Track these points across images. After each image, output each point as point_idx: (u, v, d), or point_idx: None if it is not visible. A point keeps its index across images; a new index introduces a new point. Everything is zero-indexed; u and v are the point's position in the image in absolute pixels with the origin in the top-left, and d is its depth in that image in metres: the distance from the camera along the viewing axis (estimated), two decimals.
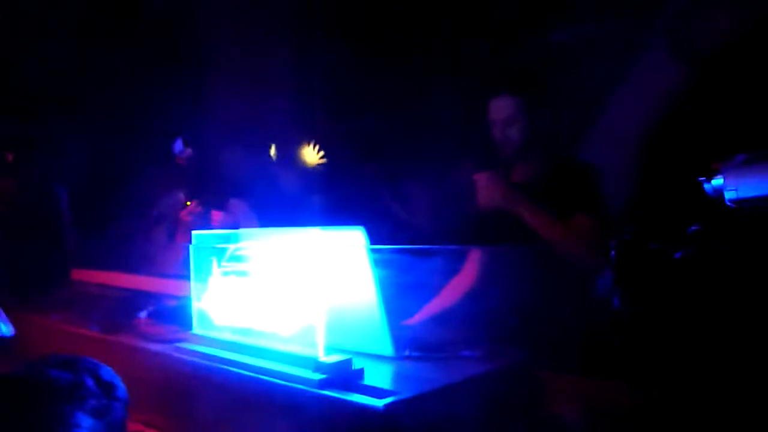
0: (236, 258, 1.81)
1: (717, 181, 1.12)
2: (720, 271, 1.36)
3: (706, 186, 1.14)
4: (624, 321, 1.72)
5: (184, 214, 3.17)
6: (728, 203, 1.12)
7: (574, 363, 1.77)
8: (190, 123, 3.90)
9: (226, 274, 1.83)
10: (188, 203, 3.21)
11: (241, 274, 1.79)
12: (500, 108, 2.26)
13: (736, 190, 1.09)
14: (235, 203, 3.20)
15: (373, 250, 1.66)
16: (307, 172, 4.26)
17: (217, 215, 3.13)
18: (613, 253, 1.58)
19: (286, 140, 4.38)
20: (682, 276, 1.39)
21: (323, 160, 4.29)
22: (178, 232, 3.17)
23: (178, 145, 3.46)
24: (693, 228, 1.32)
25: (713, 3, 2.94)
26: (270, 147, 4.41)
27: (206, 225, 3.03)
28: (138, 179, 3.70)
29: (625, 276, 1.56)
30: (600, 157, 2.44)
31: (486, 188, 2.19)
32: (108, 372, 1.31)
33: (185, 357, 1.88)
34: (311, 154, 4.35)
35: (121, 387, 1.32)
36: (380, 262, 1.67)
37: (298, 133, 4.39)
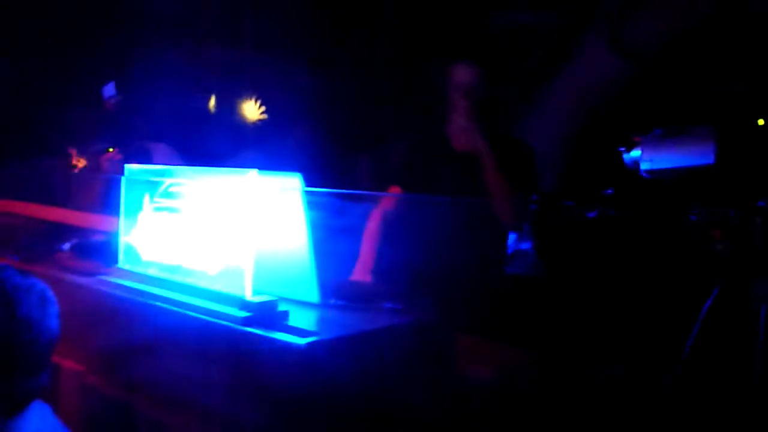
0: (169, 194, 1.80)
1: (635, 152, 1.21)
2: (626, 231, 1.47)
3: (625, 156, 1.23)
4: (538, 286, 1.82)
5: (103, 160, 3.09)
6: (643, 173, 1.21)
7: (488, 325, 1.86)
8: (121, 67, 3.78)
9: (157, 209, 1.82)
10: (110, 149, 3.12)
11: (173, 210, 1.79)
12: (463, 74, 2.35)
13: (651, 161, 1.19)
14: (161, 148, 3.12)
15: (308, 193, 1.68)
16: (245, 126, 4.21)
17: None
18: (534, 206, 1.67)
19: (225, 92, 4.31)
20: (593, 233, 1.49)
21: (264, 116, 4.24)
22: (92, 176, 3.09)
23: (109, 90, 3.35)
24: (608, 191, 1.42)
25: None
26: (207, 98, 4.33)
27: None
28: (63, 117, 3.58)
29: (542, 230, 1.65)
30: (533, 135, 2.54)
31: (465, 131, 2.28)
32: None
33: (109, 290, 1.87)
34: (252, 109, 4.29)
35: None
36: (314, 204, 1.70)
37: (239, 86, 4.32)
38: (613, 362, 1.60)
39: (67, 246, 2.15)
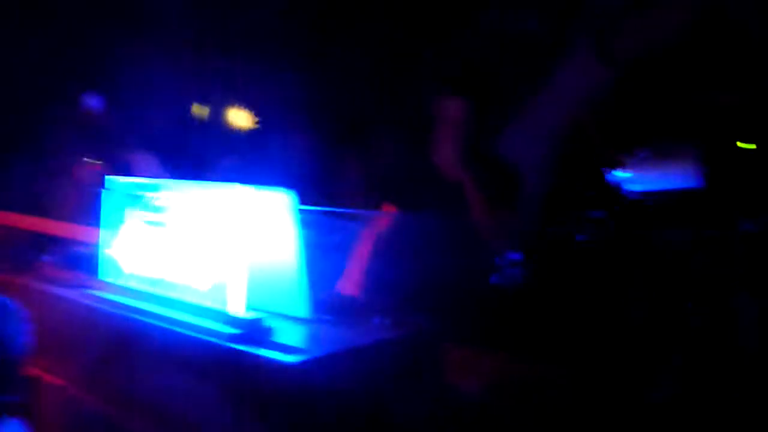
0: (154, 207, 1.78)
1: (621, 174, 1.23)
2: (614, 254, 1.48)
3: (611, 177, 1.24)
4: (525, 297, 1.83)
5: (77, 170, 3.04)
6: (630, 194, 1.22)
7: (477, 336, 1.87)
8: (104, 76, 3.74)
9: (139, 222, 1.80)
10: (91, 160, 3.07)
11: (158, 224, 1.77)
12: (452, 108, 2.39)
13: (637, 183, 1.20)
14: (143, 159, 3.08)
15: (299, 211, 1.67)
16: (232, 133, 4.18)
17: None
18: (518, 228, 1.68)
19: (212, 100, 4.27)
20: (582, 256, 1.51)
21: (255, 125, 4.21)
22: (72, 187, 3.04)
23: (91, 100, 3.30)
24: (596, 215, 1.43)
25: (640, 7, 3.09)
26: (193, 106, 4.29)
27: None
28: (45, 126, 3.52)
29: (531, 252, 1.66)
30: (517, 152, 2.57)
31: (451, 162, 2.31)
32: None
33: (90, 303, 1.84)
34: (239, 116, 4.26)
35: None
36: (304, 222, 1.69)
37: (227, 94, 4.29)
38: (598, 372, 1.61)
39: (48, 257, 2.12)
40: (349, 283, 2.20)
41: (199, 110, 4.13)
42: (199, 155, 3.48)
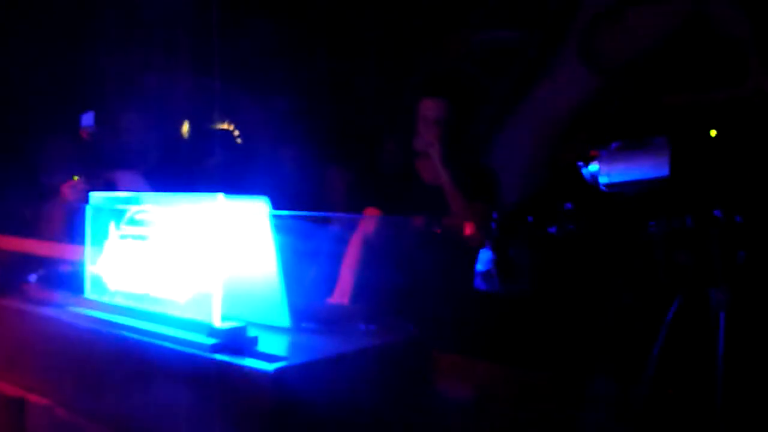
0: (135, 221, 1.78)
1: (593, 167, 1.23)
2: (586, 245, 1.48)
3: (584, 171, 1.24)
4: (503, 301, 1.82)
5: (65, 188, 3.04)
6: (602, 187, 1.22)
7: (462, 343, 1.86)
8: (96, 95, 3.76)
9: (123, 237, 1.80)
10: (74, 177, 3.08)
11: (140, 237, 1.77)
12: (432, 108, 2.41)
13: (608, 175, 1.20)
14: (128, 176, 3.08)
15: (275, 216, 1.67)
16: (217, 151, 4.19)
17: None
18: (494, 224, 1.69)
19: (199, 117, 4.30)
20: (554, 248, 1.50)
21: (238, 141, 4.23)
22: (60, 206, 3.04)
23: (88, 119, 3.32)
24: (567, 206, 1.43)
25: (626, 15, 3.11)
26: (181, 123, 4.32)
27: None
28: (36, 146, 3.54)
29: (503, 245, 1.66)
30: (502, 160, 2.59)
31: (431, 164, 2.33)
32: None
33: (76, 321, 1.84)
34: (226, 133, 4.28)
35: None
36: (283, 229, 1.69)
37: (214, 110, 4.31)
38: (582, 373, 1.60)
39: (33, 277, 2.11)
40: (338, 291, 2.20)
41: (186, 126, 4.15)
42: (186, 171, 3.49)
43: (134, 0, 4.43)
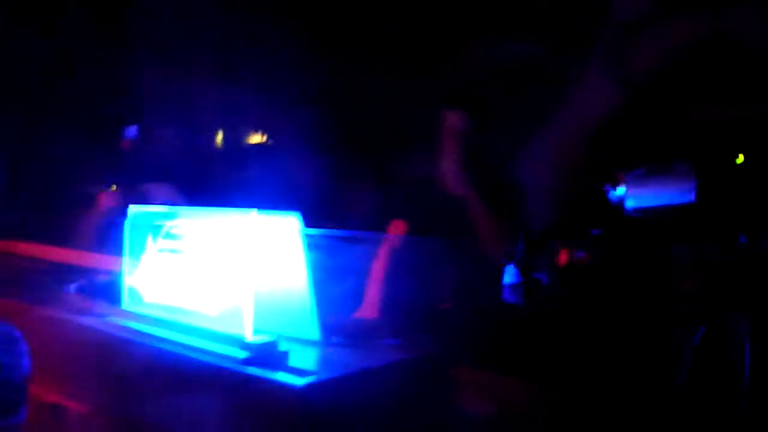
0: (171, 235, 1.83)
1: (620, 191, 1.24)
2: (613, 271, 1.48)
3: (610, 194, 1.25)
4: (528, 319, 1.83)
5: (101, 198, 3.12)
6: (628, 211, 1.23)
7: (488, 359, 1.87)
8: (131, 108, 3.85)
9: (160, 251, 1.86)
10: (112, 187, 3.16)
11: (175, 251, 1.82)
12: (455, 120, 2.43)
13: (635, 199, 1.21)
14: (163, 189, 3.15)
15: (307, 235, 1.71)
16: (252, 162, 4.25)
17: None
18: (521, 246, 1.70)
19: (232, 128, 4.36)
20: (581, 274, 1.51)
21: (269, 150, 4.28)
22: (97, 216, 3.12)
23: (131, 132, 3.41)
24: (595, 231, 1.44)
25: (650, 29, 3.09)
26: (215, 133, 4.39)
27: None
28: (73, 156, 3.64)
29: (529, 271, 1.67)
30: (528, 176, 2.59)
31: (455, 177, 2.35)
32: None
33: (114, 332, 1.90)
34: (258, 143, 4.34)
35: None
36: (313, 246, 1.73)
37: (247, 121, 4.38)
38: (601, 396, 1.60)
39: (73, 287, 2.18)
40: (367, 306, 2.23)
41: (217, 138, 4.22)
42: (216, 183, 3.55)
43: (170, 13, 4.53)
